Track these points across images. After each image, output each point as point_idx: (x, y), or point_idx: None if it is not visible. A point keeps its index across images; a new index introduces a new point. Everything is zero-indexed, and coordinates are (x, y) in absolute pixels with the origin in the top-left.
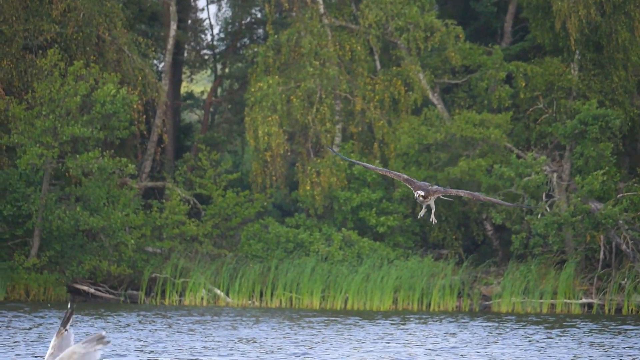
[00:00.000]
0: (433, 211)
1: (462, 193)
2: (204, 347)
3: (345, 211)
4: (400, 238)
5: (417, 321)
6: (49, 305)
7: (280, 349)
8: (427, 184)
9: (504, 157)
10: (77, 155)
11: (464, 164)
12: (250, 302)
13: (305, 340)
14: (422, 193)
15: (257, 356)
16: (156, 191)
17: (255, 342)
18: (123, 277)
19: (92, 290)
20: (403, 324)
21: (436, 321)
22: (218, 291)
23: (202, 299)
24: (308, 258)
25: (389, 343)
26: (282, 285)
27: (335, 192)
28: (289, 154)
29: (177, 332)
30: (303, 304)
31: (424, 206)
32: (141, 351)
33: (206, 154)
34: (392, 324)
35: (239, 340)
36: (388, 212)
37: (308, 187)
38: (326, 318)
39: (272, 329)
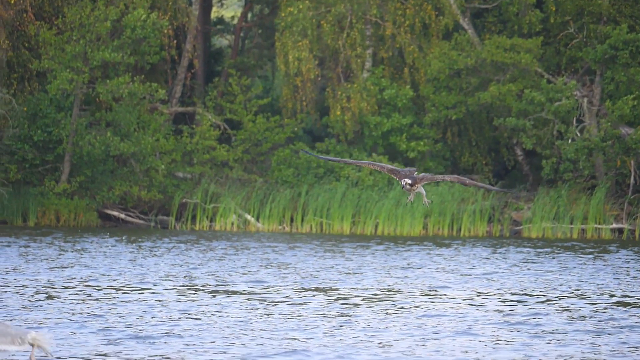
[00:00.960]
0: (424, 195)
1: (448, 178)
2: (236, 272)
3: (376, 136)
4: (431, 163)
5: (448, 247)
6: (79, 230)
7: (315, 275)
8: (412, 170)
9: (535, 82)
10: (108, 81)
11: (495, 89)
12: (280, 227)
13: (339, 265)
14: (409, 181)
15: (295, 281)
16: (186, 116)
17: (289, 266)
18: (153, 202)
19: (122, 216)
20: (434, 250)
21: (467, 246)
22: (248, 216)
23: (232, 224)
24: (338, 183)
25: (420, 268)
26: (312, 211)
27: (365, 117)
28: (319, 79)
29: (209, 257)
30: (333, 229)
31: (412, 193)
32: (175, 277)
33: (236, 79)
34: (423, 249)
35: (274, 265)
36: (418, 137)
37: (338, 113)
38: (358, 243)
39: (306, 254)
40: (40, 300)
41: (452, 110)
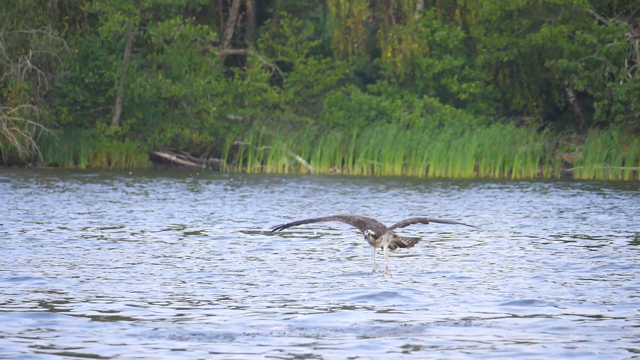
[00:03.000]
0: (387, 256)
1: (409, 220)
2: (295, 214)
3: (427, 78)
4: (482, 105)
5: (500, 188)
6: (130, 172)
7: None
8: (381, 224)
9: (586, 23)
10: (159, 23)
11: (546, 31)
12: (331, 169)
13: (395, 203)
14: (373, 232)
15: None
16: (238, 58)
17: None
18: (205, 144)
19: (173, 158)
20: (487, 191)
21: (520, 188)
22: (300, 159)
23: (283, 166)
24: (390, 125)
25: (472, 210)
26: (363, 153)
27: (416, 59)
28: (370, 20)
29: (260, 198)
30: (384, 171)
31: (375, 249)
32: (228, 219)
33: (288, 21)
34: (476, 191)
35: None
36: (470, 79)
37: (389, 54)
38: (411, 185)
39: (377, 197)
40: (107, 243)
41: (503, 52)
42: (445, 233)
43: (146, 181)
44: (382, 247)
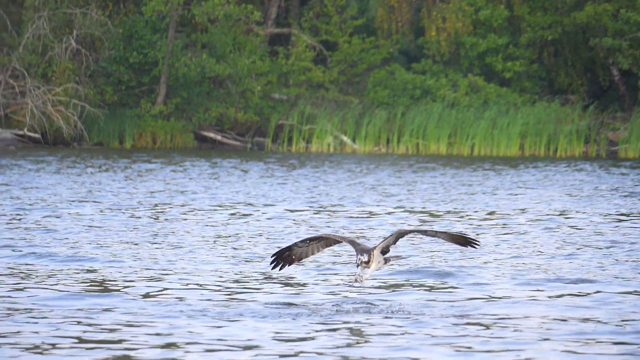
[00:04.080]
0: (368, 275)
1: (392, 239)
2: (344, 195)
3: (472, 57)
4: (527, 83)
5: (546, 166)
6: (175, 153)
7: (431, 196)
8: (368, 247)
9: (630, 2)
10: (203, 2)
11: (590, 9)
12: (376, 148)
13: (441, 183)
14: (365, 259)
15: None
16: (282, 38)
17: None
18: (250, 124)
19: (218, 138)
20: (532, 169)
21: (566, 166)
22: (344, 137)
23: (328, 145)
24: (434, 104)
25: (520, 188)
26: (408, 132)
27: (461, 38)
28: None
29: (306, 177)
30: (429, 150)
31: (361, 274)
32: (278, 200)
33: (332, 0)
34: (521, 169)
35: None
36: (514, 58)
37: (434, 33)
38: (457, 164)
39: (427, 175)
40: (159, 221)
41: (547, 30)
42: (495, 213)
43: (193, 160)
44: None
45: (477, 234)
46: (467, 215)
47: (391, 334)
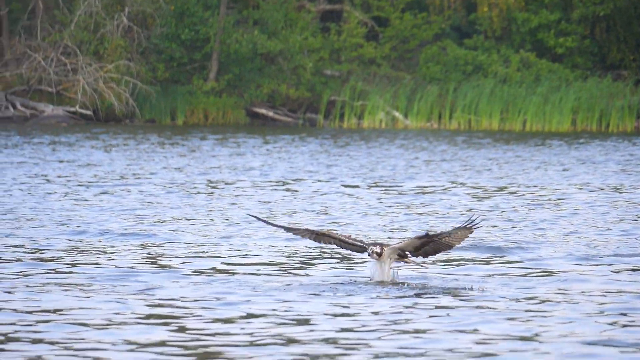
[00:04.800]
0: (386, 272)
1: (406, 242)
2: (400, 169)
3: (524, 32)
4: (579, 59)
5: (599, 142)
6: (227, 129)
7: (484, 168)
8: (380, 243)
9: None
10: None
11: None
12: (428, 124)
13: (495, 158)
14: (377, 250)
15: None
16: (334, 14)
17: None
18: (302, 100)
19: (270, 114)
20: (584, 145)
21: (620, 141)
22: (396, 113)
23: (380, 121)
24: (486, 80)
25: (574, 163)
26: (460, 108)
27: (513, 14)
28: None
29: (360, 153)
30: (481, 125)
31: (377, 269)
32: (333, 176)
33: None
34: (574, 144)
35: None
36: (567, 33)
37: (485, 9)
38: (510, 139)
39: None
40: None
41: (599, 6)
42: (550, 188)
43: (246, 137)
44: (383, 263)
45: (531, 209)
46: (521, 191)
47: (447, 308)
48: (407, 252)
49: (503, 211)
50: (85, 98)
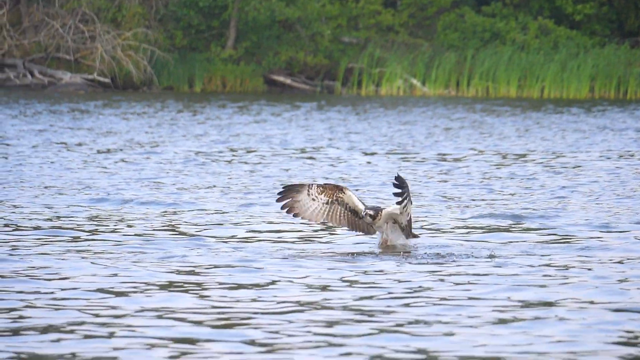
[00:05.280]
0: (389, 238)
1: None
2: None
3: None
4: (597, 26)
5: (617, 109)
6: (246, 96)
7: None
8: (378, 207)
9: None
10: None
11: None
12: (446, 91)
13: (513, 125)
14: (371, 212)
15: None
16: None
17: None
18: (319, 67)
19: (288, 81)
20: (603, 112)
21: (638, 108)
22: (414, 81)
23: (398, 88)
24: (504, 47)
25: (592, 130)
26: (478, 75)
27: None
28: None
29: (378, 121)
30: (499, 93)
31: (380, 234)
32: (353, 143)
33: None
34: (592, 111)
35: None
36: (585, 0)
37: None
38: (528, 106)
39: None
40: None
41: None
42: (567, 155)
43: (265, 104)
44: (382, 229)
45: (550, 177)
46: (540, 158)
47: (467, 275)
48: (406, 220)
49: (522, 179)
50: (103, 66)
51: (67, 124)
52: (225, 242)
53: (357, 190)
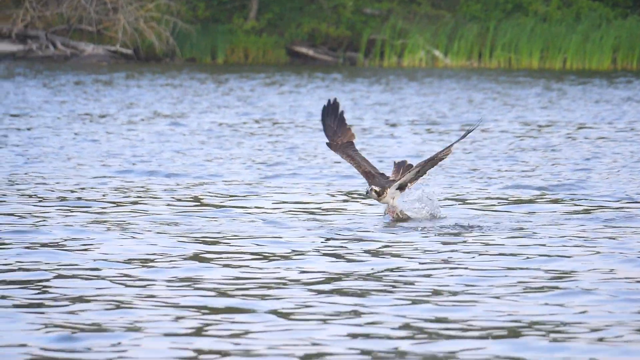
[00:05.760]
0: (398, 211)
1: (417, 169)
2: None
3: None
4: None
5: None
6: (268, 68)
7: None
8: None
9: None
10: None
11: None
12: (468, 62)
13: (537, 95)
14: (377, 188)
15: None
16: None
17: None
18: (342, 39)
19: (310, 53)
20: (625, 83)
21: None
22: (437, 52)
23: (420, 60)
24: (527, 18)
25: (615, 100)
26: (500, 46)
27: None
28: None
29: (403, 92)
30: (521, 64)
31: (387, 206)
32: (378, 115)
33: None
34: (614, 82)
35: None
36: None
37: None
38: (550, 77)
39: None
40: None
41: None
42: (591, 125)
43: (288, 75)
44: (388, 204)
45: (575, 147)
46: (564, 129)
47: (492, 245)
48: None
49: (546, 149)
50: (126, 37)
51: (91, 96)
52: (251, 213)
53: (380, 162)
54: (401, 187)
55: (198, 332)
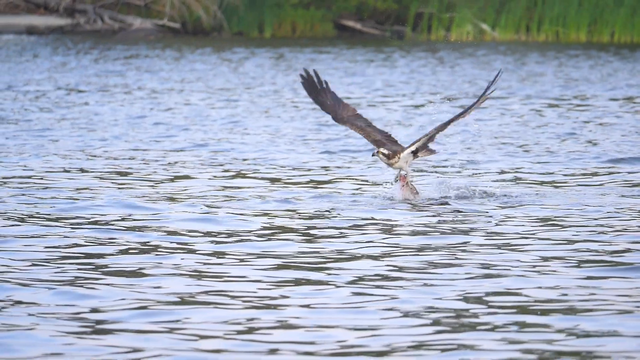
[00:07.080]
0: (410, 179)
1: (433, 132)
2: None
3: None
4: None
5: None
6: (317, 41)
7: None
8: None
9: None
10: None
11: None
12: (516, 36)
13: (590, 67)
14: (385, 151)
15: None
16: None
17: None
18: (389, 12)
19: (358, 26)
20: None
21: None
22: (484, 26)
23: (467, 34)
24: None
25: None
26: (548, 20)
27: None
28: None
29: (457, 66)
30: (569, 38)
31: (397, 173)
32: (431, 89)
33: None
34: None
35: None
36: None
37: None
38: (599, 51)
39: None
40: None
41: None
42: (635, 99)
43: (340, 49)
44: (400, 169)
45: (628, 122)
46: (609, 102)
47: (524, 218)
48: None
49: (601, 123)
50: (174, 11)
51: (141, 69)
52: (305, 187)
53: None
54: (416, 152)
55: (278, 298)
